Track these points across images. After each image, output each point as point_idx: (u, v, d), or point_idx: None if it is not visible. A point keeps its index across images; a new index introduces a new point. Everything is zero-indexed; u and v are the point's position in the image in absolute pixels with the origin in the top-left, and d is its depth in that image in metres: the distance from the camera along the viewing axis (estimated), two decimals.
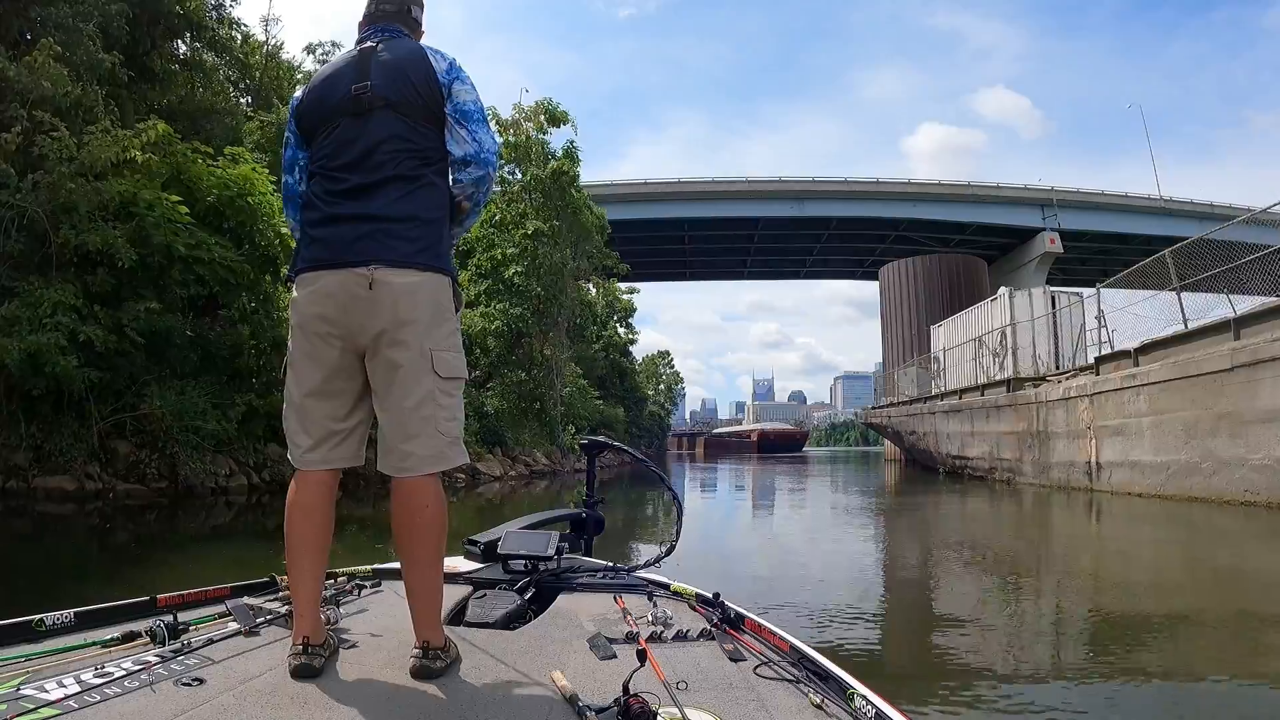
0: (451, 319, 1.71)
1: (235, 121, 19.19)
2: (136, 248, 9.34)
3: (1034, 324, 17.98)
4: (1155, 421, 11.78)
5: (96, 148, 8.84)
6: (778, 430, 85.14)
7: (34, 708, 1.24)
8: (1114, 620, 4.58)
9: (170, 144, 10.36)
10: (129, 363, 9.81)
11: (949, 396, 21.02)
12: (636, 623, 1.93)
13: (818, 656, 1.61)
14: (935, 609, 5.20)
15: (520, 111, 22.95)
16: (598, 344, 37.28)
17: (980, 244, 43.39)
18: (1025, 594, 5.61)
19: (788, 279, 64.20)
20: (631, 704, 1.25)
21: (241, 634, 1.75)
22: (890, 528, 10.66)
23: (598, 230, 25.17)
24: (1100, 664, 3.65)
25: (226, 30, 19.24)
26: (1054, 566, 6.98)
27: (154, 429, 9.89)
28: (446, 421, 1.67)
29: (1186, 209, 42.08)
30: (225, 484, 10.97)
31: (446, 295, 1.70)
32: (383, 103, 1.68)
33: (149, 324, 9.55)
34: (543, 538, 2.52)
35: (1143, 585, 5.71)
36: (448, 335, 1.69)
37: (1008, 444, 16.68)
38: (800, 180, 42.25)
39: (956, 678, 3.35)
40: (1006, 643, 4.14)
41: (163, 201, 9.42)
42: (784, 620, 4.01)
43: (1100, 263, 46.48)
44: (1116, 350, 13.43)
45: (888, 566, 7.30)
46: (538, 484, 18.26)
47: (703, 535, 8.99)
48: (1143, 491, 12.04)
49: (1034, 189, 41.69)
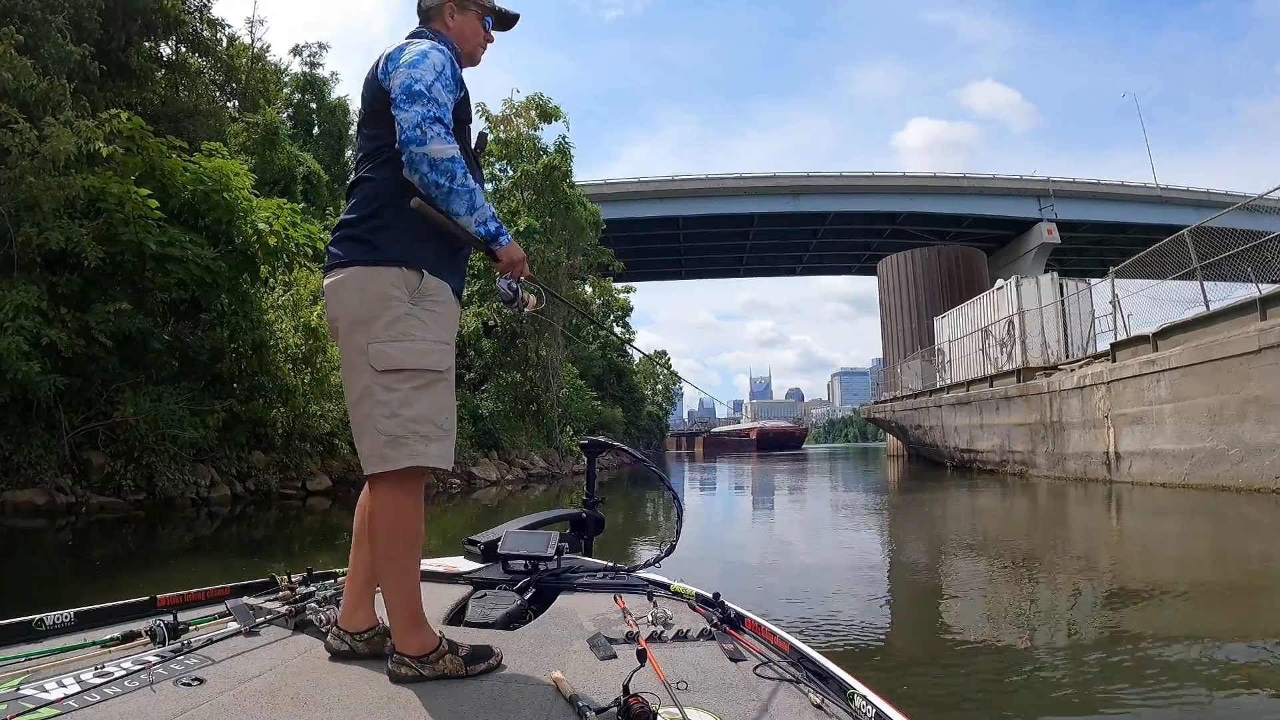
0: (396, 308, 1.63)
1: (219, 123, 18.86)
2: (105, 246, 8.78)
3: (1042, 312, 17.52)
4: (1177, 408, 11.34)
5: (57, 140, 8.27)
6: (777, 428, 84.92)
7: (34, 708, 1.25)
8: (1131, 617, 4.32)
9: (143, 138, 9.80)
10: (100, 368, 9.25)
11: (956, 389, 20.55)
12: (636, 623, 1.94)
13: (818, 656, 1.60)
14: (940, 607, 4.99)
15: (510, 107, 22.42)
16: (594, 344, 36.75)
17: (977, 236, 43.28)
18: (1036, 590, 5.35)
19: (784, 275, 64.01)
20: (631, 704, 1.25)
21: (241, 634, 1.76)
22: (897, 524, 10.24)
23: (591, 226, 24.67)
24: (1114, 666, 3.39)
25: (212, 32, 19.06)
26: (1068, 561, 6.63)
27: (128, 438, 9.33)
28: (385, 418, 1.59)
29: (1183, 197, 42.16)
30: (207, 495, 10.42)
31: (382, 284, 1.63)
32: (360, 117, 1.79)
33: (119, 327, 8.98)
34: (543, 538, 2.52)
35: (1166, 580, 5.38)
36: (388, 325, 1.62)
37: (1019, 436, 16.21)
38: (795, 175, 42.15)
39: (958, 678, 3.28)
40: (1012, 642, 3.97)
41: (131, 196, 8.83)
42: (785, 620, 4.07)
43: (1097, 253, 46.43)
44: (1134, 335, 12.97)
45: (893, 563, 7.08)
46: (535, 487, 17.73)
47: (703, 535, 8.83)
48: (1165, 481, 11.60)
49: (1030, 180, 41.71)
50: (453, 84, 1.70)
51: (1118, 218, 41.53)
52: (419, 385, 1.61)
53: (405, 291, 1.63)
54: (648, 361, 47.79)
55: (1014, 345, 18.07)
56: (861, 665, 3.37)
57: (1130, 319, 13.43)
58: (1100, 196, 41.74)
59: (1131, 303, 13.71)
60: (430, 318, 1.66)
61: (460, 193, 1.60)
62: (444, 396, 1.67)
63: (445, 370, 1.67)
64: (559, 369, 25.12)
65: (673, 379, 61.01)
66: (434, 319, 1.67)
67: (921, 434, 23.19)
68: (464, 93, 1.77)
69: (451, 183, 1.59)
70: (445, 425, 1.66)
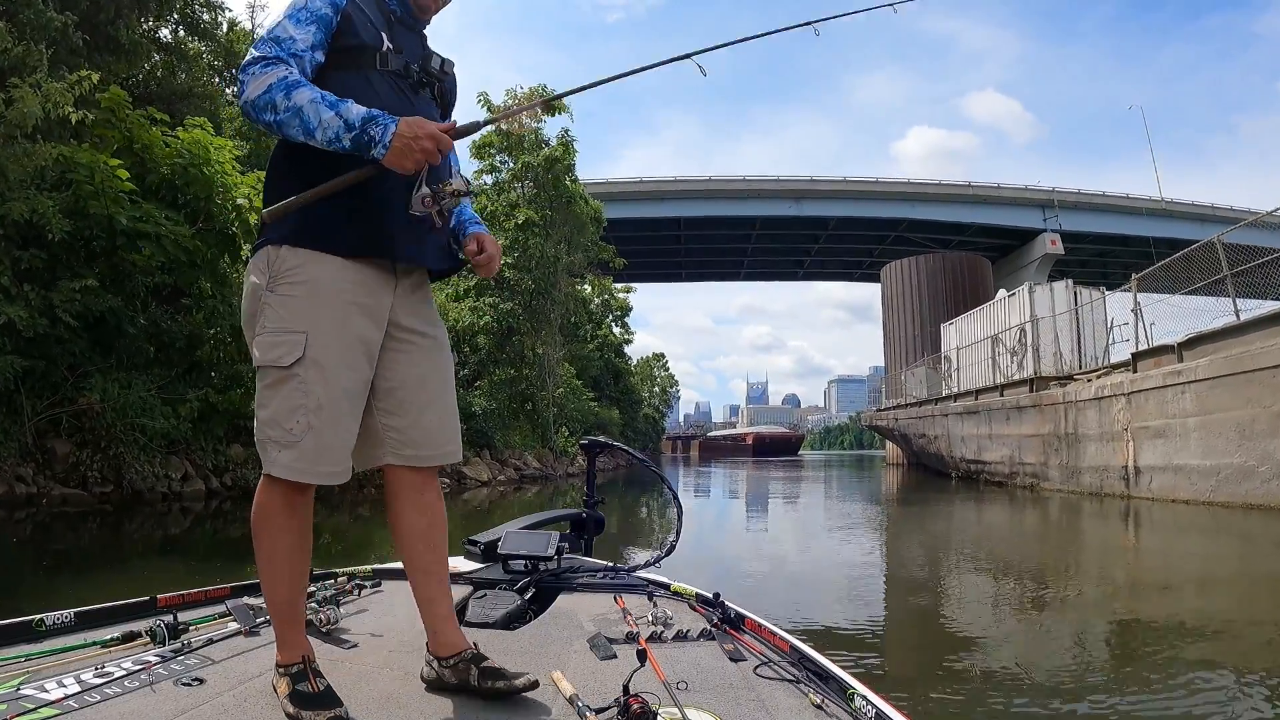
0: (257, 298, 1.43)
1: (214, 106, 18.48)
2: (73, 220, 8.16)
3: (1055, 320, 16.99)
4: (1204, 421, 10.84)
5: (23, 103, 7.66)
6: (773, 433, 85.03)
7: (34, 708, 1.25)
8: (1142, 627, 4.22)
9: (121, 110, 9.19)
10: (66, 350, 8.62)
11: (963, 398, 20.01)
12: (636, 623, 1.93)
13: (818, 656, 1.59)
14: (940, 612, 4.92)
15: (513, 97, 21.83)
16: (592, 343, 36.16)
17: (980, 246, 43.13)
18: (1043, 598, 5.21)
19: (785, 280, 63.82)
20: (631, 704, 1.25)
21: (241, 634, 1.75)
22: (900, 532, 9.92)
23: (593, 223, 24.12)
24: (1118, 670, 3.35)
25: (212, 15, 18.80)
26: (1079, 574, 6.38)
27: (94, 426, 8.72)
28: (258, 422, 1.43)
29: (1188, 211, 42.21)
30: (179, 489, 9.80)
31: (252, 273, 1.45)
32: None
33: (87, 306, 8.35)
34: (543, 538, 2.50)
35: (1184, 599, 5.17)
36: (252, 319, 1.45)
37: (1031, 447, 15.67)
38: (798, 179, 41.99)
39: (958, 679, 3.27)
40: (1012, 645, 3.95)
41: (102, 167, 8.19)
42: (785, 620, 4.01)
43: (1100, 265, 46.28)
44: (1157, 345, 12.47)
45: (894, 569, 6.95)
46: (528, 489, 17.16)
47: (701, 536, 8.67)
48: (1189, 498, 11.10)
49: (1035, 190, 41.68)
50: (316, 7, 1.44)
51: (1122, 230, 41.39)
52: (267, 384, 1.41)
53: (265, 276, 1.42)
54: (645, 364, 47.32)
55: (1025, 354, 17.54)
56: (862, 665, 3.36)
57: (1153, 328, 12.93)
58: (1104, 208, 41.64)
59: (1152, 312, 13.24)
60: (280, 302, 1.40)
61: (287, 120, 1.34)
62: (293, 396, 1.39)
63: (293, 364, 1.38)
64: (555, 368, 24.54)
65: (669, 381, 60.61)
66: (285, 303, 1.40)
67: (926, 443, 22.64)
68: (351, 8, 1.48)
69: (276, 114, 1.34)
70: (296, 431, 1.38)
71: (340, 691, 1.38)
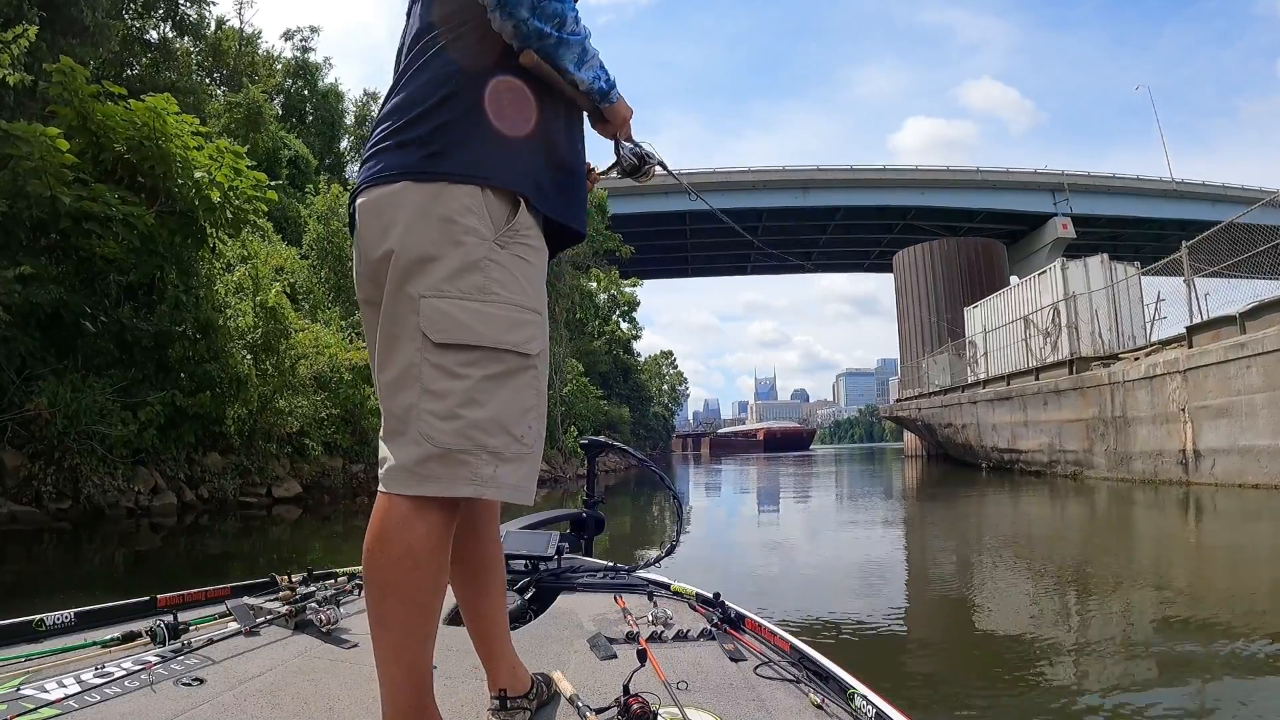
0: (472, 248, 1.04)
1: (197, 100, 17.81)
2: (9, 200, 7.22)
3: (1092, 297, 15.95)
4: (1273, 397, 9.84)
5: None
6: (783, 429, 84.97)
7: (34, 708, 1.24)
8: (1183, 627, 3.86)
9: (71, 82, 8.25)
10: (11, 351, 7.70)
11: (994, 383, 18.96)
12: (637, 623, 1.92)
13: (818, 656, 1.56)
14: (945, 611, 4.77)
15: None
16: (599, 339, 35.21)
17: (990, 232, 42.60)
18: (1077, 596, 4.87)
19: (793, 272, 63.21)
20: (632, 704, 1.23)
21: (241, 634, 1.75)
22: (929, 529, 9.37)
23: (597, 210, 23.22)
24: (1127, 673, 3.15)
25: (198, 11, 18.45)
26: (1122, 569, 5.86)
27: (46, 435, 7.79)
28: (439, 419, 1.03)
29: (1199, 191, 41.82)
30: (147, 503, 8.85)
31: (454, 207, 1.04)
32: None
33: (28, 299, 7.41)
34: (543, 538, 2.51)
35: (1254, 597, 4.57)
36: (458, 273, 1.03)
37: (1073, 433, 14.62)
38: (804, 169, 41.56)
39: (959, 679, 3.20)
40: (1020, 644, 3.74)
41: (38, 138, 7.23)
42: (786, 620, 4.03)
43: (1111, 248, 45.25)
44: (1216, 317, 11.45)
45: (912, 567, 6.64)
46: (536, 492, 16.25)
47: (707, 536, 8.46)
48: (1259, 482, 10.09)
49: (1045, 174, 41.38)
50: None
51: (1133, 212, 40.87)
52: (495, 373, 1.06)
53: (489, 224, 1.07)
54: (653, 361, 46.43)
55: (1059, 334, 16.51)
56: (862, 665, 3.06)
57: (1208, 299, 11.92)
58: (1115, 190, 41.34)
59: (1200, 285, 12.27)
60: (518, 266, 1.09)
61: (570, 42, 1.12)
62: (526, 395, 1.10)
63: (537, 355, 1.12)
64: (562, 364, 23.63)
65: (678, 379, 59.72)
66: (523, 270, 1.10)
67: (953, 433, 21.58)
68: None
69: (560, 30, 1.10)
70: (528, 439, 1.11)
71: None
